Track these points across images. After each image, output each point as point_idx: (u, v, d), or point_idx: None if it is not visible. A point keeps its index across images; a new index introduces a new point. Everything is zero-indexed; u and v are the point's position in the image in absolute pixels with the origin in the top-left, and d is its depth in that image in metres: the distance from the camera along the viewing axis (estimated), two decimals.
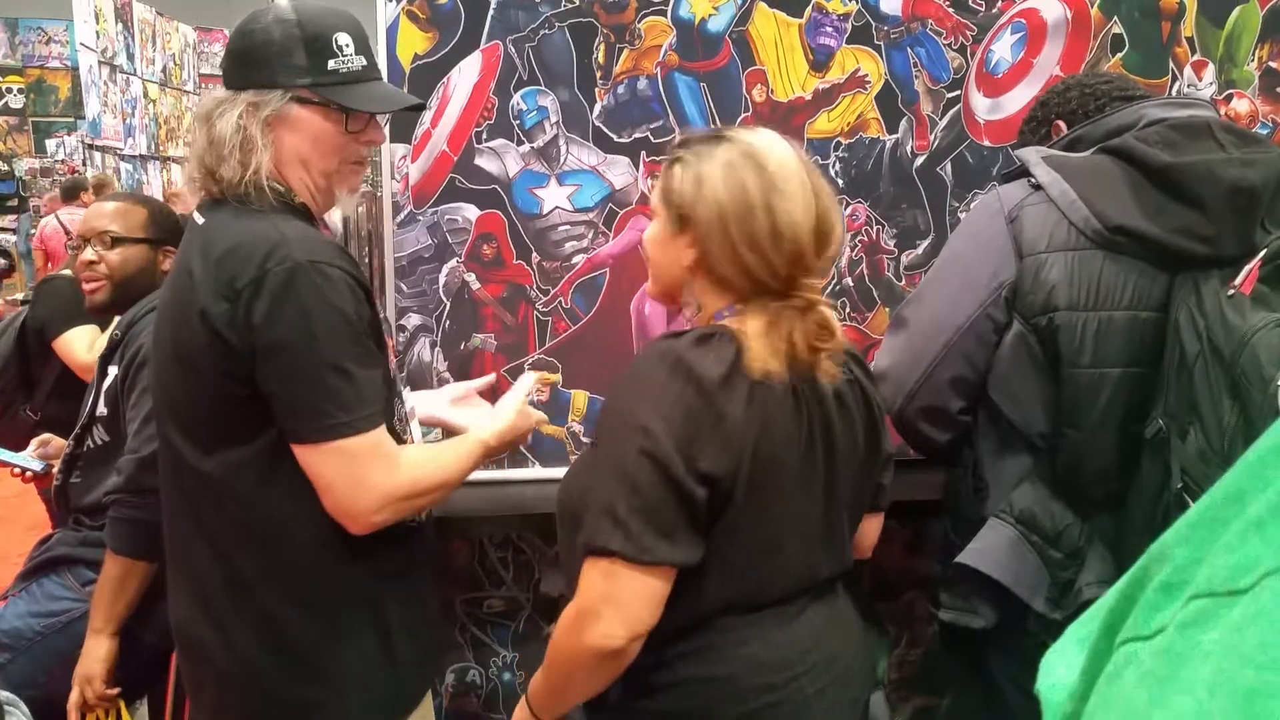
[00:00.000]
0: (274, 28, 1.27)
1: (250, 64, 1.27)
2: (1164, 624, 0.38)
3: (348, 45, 1.30)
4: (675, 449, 1.05)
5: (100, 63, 4.98)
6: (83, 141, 5.82)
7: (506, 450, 1.47)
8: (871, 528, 1.38)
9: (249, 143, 1.25)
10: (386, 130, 1.75)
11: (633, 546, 1.05)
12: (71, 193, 6.26)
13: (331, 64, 1.28)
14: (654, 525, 1.05)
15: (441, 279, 1.88)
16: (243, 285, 1.18)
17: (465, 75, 1.83)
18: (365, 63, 1.32)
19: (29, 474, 2.01)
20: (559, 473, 1.95)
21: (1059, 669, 0.46)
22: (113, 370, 1.81)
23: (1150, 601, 0.39)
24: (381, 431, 1.24)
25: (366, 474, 1.21)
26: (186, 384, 1.26)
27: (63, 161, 8.31)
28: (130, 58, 5.60)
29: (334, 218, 1.42)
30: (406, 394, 1.51)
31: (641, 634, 1.08)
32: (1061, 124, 1.53)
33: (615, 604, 1.06)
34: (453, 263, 1.87)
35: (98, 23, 4.99)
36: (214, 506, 1.26)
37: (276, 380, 1.19)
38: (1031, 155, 1.42)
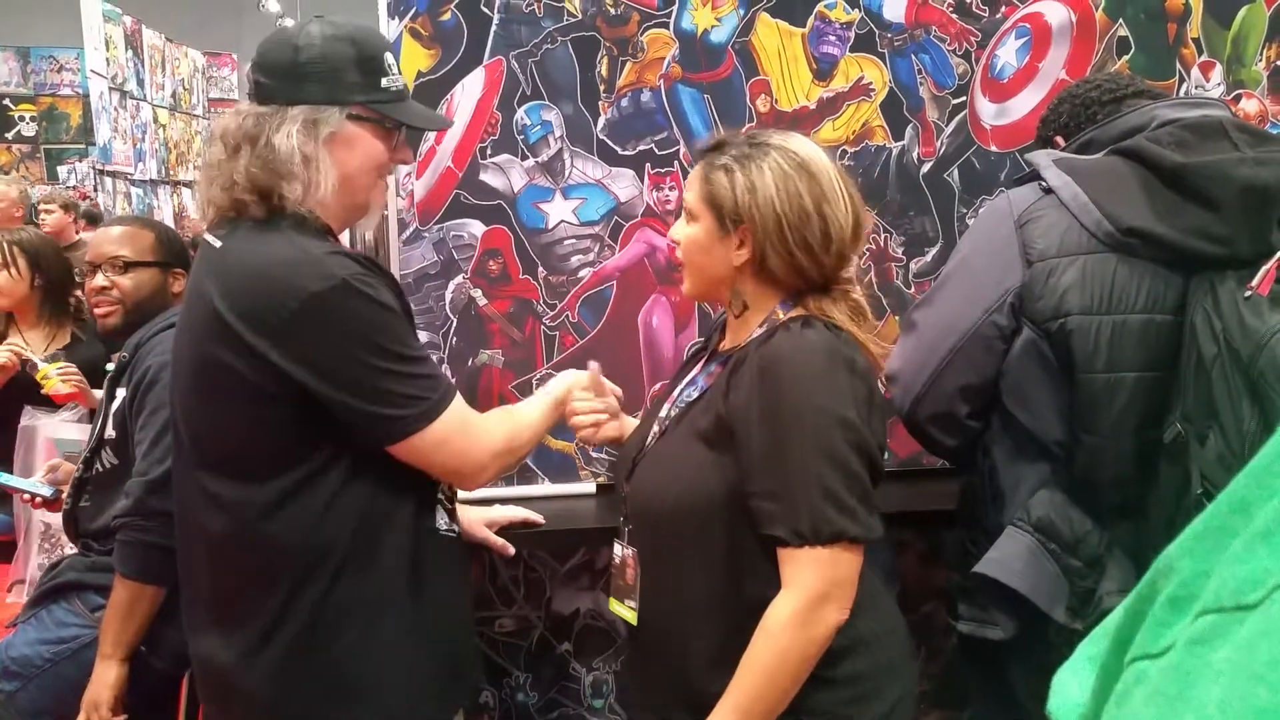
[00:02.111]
0: (328, 45, 1.24)
1: (303, 79, 1.23)
2: (1173, 640, 0.36)
3: (393, 65, 1.31)
4: (870, 433, 1.15)
5: (111, 89, 5.03)
6: (94, 167, 5.87)
7: (567, 406, 1.47)
8: None
9: (309, 161, 1.22)
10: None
11: (863, 528, 1.13)
12: (95, 219, 6.31)
13: (384, 82, 1.28)
14: (868, 505, 1.15)
15: (448, 295, 1.87)
16: (288, 312, 1.15)
17: (468, 91, 1.83)
18: (404, 82, 1.34)
19: (38, 499, 2.00)
20: (568, 489, 1.95)
21: (1071, 688, 0.45)
22: (121, 393, 1.80)
23: (1158, 617, 0.38)
24: (460, 399, 1.28)
25: (467, 443, 1.26)
26: (212, 416, 1.24)
27: (74, 188, 8.38)
28: (140, 83, 5.65)
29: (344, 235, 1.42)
30: None
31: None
32: (1060, 139, 1.52)
33: (842, 584, 1.14)
34: (459, 279, 1.87)
35: (108, 50, 5.04)
36: (237, 536, 1.23)
37: (354, 396, 1.18)
38: (1042, 158, 1.41)
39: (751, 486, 1.16)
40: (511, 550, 1.65)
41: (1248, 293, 1.19)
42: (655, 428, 1.33)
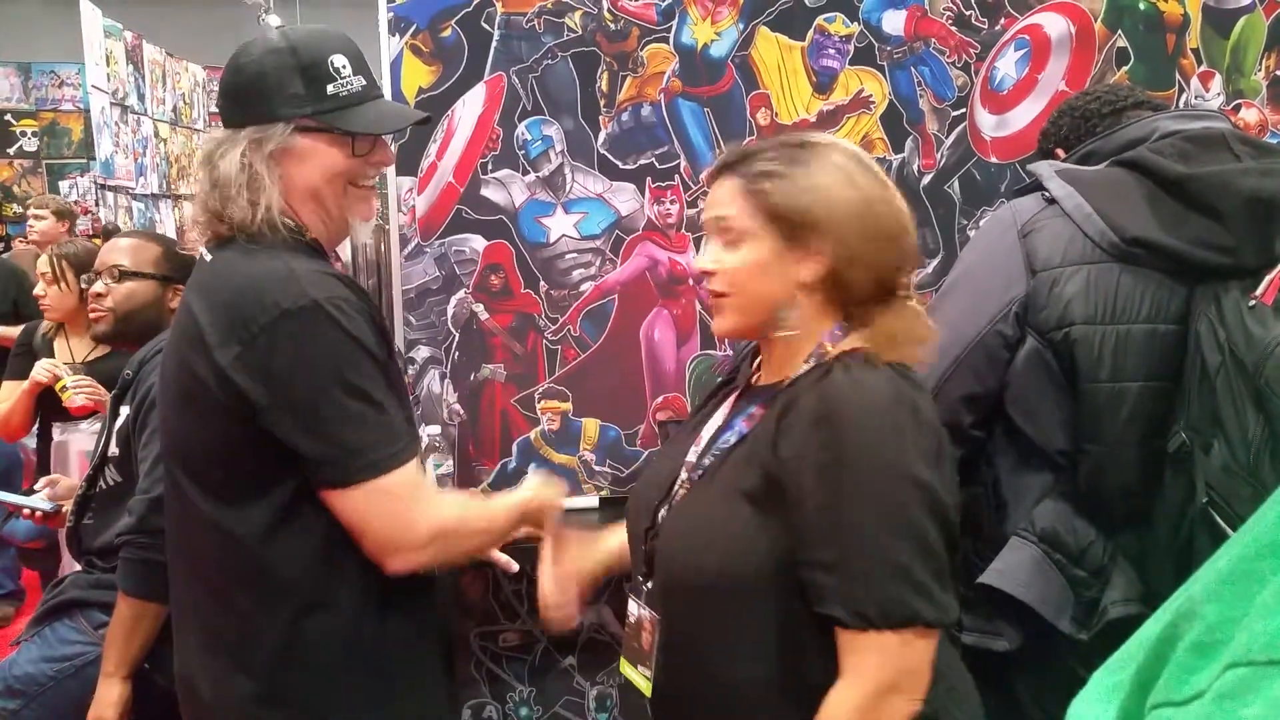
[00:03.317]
0: (266, 59, 1.21)
1: (246, 100, 1.22)
2: (1199, 689, 0.35)
3: (344, 67, 1.24)
4: (947, 496, 0.99)
5: (112, 104, 5.04)
6: (95, 182, 5.89)
7: (534, 520, 1.33)
8: None
9: (255, 180, 1.19)
10: (394, 150, 1.74)
11: (937, 610, 0.97)
12: (111, 236, 6.33)
13: (330, 88, 1.22)
14: (942, 582, 0.98)
15: (450, 310, 1.87)
16: (258, 328, 1.12)
17: (469, 107, 1.83)
18: (365, 82, 1.25)
19: (39, 514, 2.00)
20: (571, 502, 1.93)
21: None
22: (124, 410, 1.80)
23: (1182, 663, 0.37)
24: (417, 463, 1.18)
25: (410, 509, 1.15)
26: (194, 430, 1.21)
27: (76, 202, 8.42)
28: (141, 98, 5.66)
29: (344, 250, 1.40)
30: (422, 432, 1.47)
31: None
32: (1060, 151, 1.53)
33: (914, 673, 0.98)
34: (461, 294, 1.87)
35: (109, 65, 5.05)
36: (221, 556, 1.20)
37: (303, 426, 1.12)
38: (1045, 169, 1.41)
39: (805, 555, 0.99)
40: (516, 567, 1.65)
41: (1252, 302, 1.19)
42: (683, 474, 1.14)
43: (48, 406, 2.59)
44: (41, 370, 2.51)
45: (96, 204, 5.93)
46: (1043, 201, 1.39)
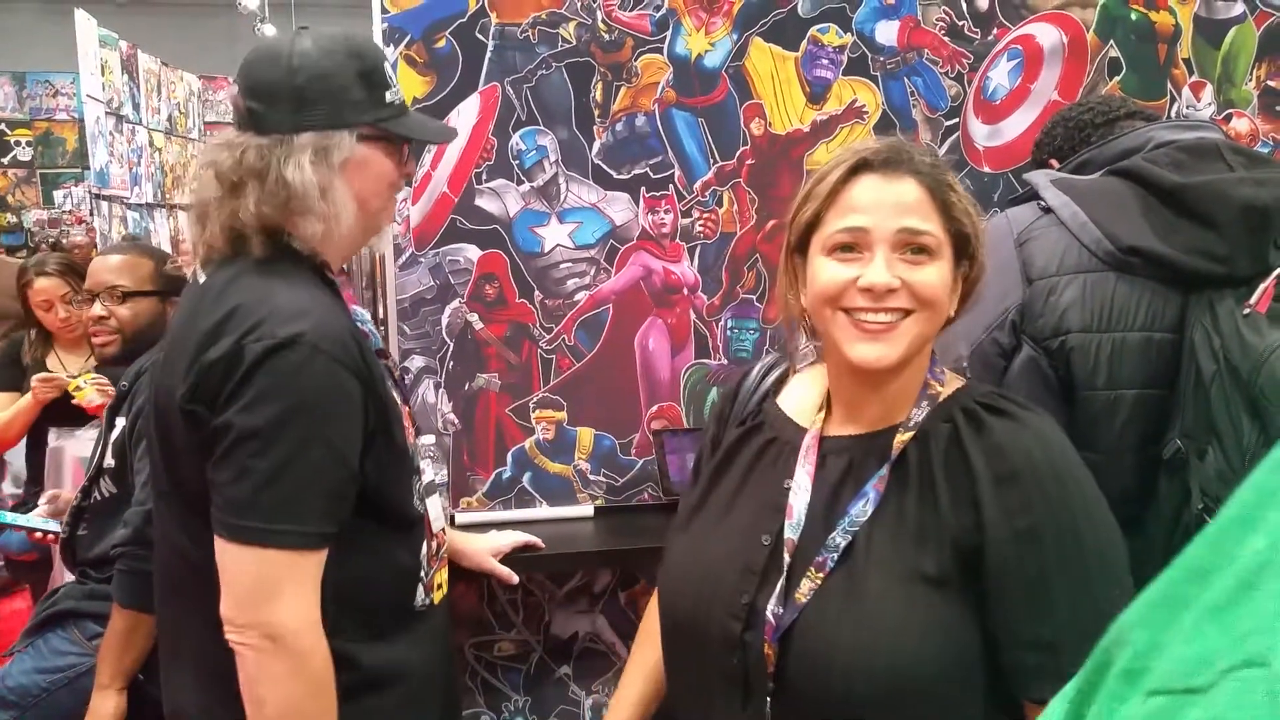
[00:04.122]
0: (325, 60, 1.13)
1: (305, 102, 1.12)
2: (1126, 717, 0.35)
3: (392, 76, 1.20)
4: None
5: (107, 113, 5.04)
6: (90, 191, 5.88)
7: None
8: None
9: (329, 194, 1.11)
10: None
11: None
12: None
13: (388, 96, 1.17)
14: None
15: (444, 320, 1.87)
16: (213, 359, 1.06)
17: (464, 117, 1.83)
18: (403, 92, 1.23)
19: (51, 535, 1.99)
20: (567, 512, 1.94)
21: None
22: (120, 422, 1.80)
23: (1112, 690, 0.36)
24: (313, 559, 1.07)
25: (274, 594, 1.05)
26: (169, 457, 1.17)
27: (70, 212, 8.40)
28: (136, 107, 5.67)
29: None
30: (425, 465, 1.34)
31: None
32: (1054, 161, 1.54)
33: None
34: (455, 303, 1.87)
35: (104, 74, 5.05)
36: (203, 586, 1.12)
37: (219, 464, 1.06)
38: (1040, 178, 1.42)
39: (1014, 636, 0.88)
40: (515, 579, 1.64)
41: (1246, 310, 1.20)
42: (785, 555, 0.94)
43: (45, 413, 2.58)
44: (45, 388, 2.49)
45: (91, 213, 5.91)
46: (1038, 210, 1.40)
